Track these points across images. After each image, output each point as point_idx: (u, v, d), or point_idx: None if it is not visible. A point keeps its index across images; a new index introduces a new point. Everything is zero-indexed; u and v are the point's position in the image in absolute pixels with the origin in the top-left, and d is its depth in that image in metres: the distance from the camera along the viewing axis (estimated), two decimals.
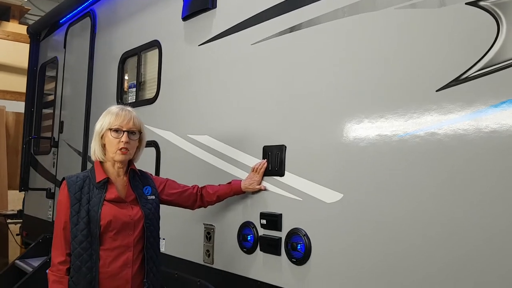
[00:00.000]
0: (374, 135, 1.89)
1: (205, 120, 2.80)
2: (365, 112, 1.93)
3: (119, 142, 2.07)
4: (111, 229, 2.02)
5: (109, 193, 2.08)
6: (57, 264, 2.02)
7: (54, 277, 2.01)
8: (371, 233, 1.86)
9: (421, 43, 1.78)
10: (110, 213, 2.02)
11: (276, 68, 2.37)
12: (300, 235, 2.12)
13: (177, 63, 3.09)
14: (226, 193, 2.43)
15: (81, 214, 2.01)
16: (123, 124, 2.08)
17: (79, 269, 1.98)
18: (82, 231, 1.99)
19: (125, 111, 2.13)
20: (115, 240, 2.03)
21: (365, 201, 1.89)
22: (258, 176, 2.36)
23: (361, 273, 1.88)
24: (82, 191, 2.05)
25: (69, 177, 2.12)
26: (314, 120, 2.14)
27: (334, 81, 2.08)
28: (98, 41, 4.14)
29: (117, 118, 2.09)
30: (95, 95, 4.08)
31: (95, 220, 2.00)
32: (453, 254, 1.61)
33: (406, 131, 1.78)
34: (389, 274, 1.79)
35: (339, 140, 2.01)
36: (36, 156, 5.16)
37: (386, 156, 1.83)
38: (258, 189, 2.37)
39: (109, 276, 2.01)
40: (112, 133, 2.07)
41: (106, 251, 2.02)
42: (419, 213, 1.71)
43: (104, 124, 2.10)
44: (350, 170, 1.95)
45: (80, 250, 1.99)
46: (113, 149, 2.08)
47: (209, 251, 2.65)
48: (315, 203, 2.08)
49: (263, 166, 2.34)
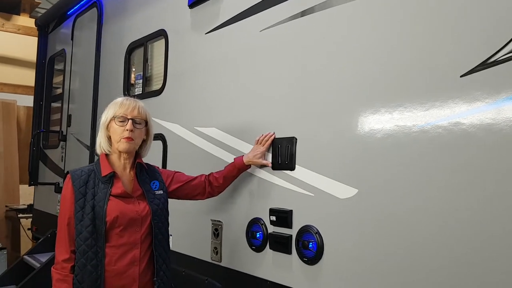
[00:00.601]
0: (392, 125, 1.74)
1: (212, 112, 2.68)
2: (382, 101, 1.79)
3: (124, 130, 1.99)
4: (118, 225, 1.94)
5: (115, 187, 2.00)
6: (61, 261, 1.93)
7: (58, 275, 1.93)
8: (388, 231, 1.72)
9: (444, 24, 1.63)
10: (117, 209, 1.94)
11: (287, 55, 2.23)
12: (311, 233, 1.99)
13: (183, 52, 2.97)
14: (231, 171, 2.33)
15: (86, 209, 1.93)
16: (128, 112, 2.02)
17: (84, 267, 1.90)
18: (87, 227, 1.91)
19: (129, 100, 2.07)
20: (122, 237, 1.95)
21: (382, 197, 1.75)
22: (262, 148, 2.24)
23: (378, 273, 1.74)
24: (87, 185, 1.97)
25: (74, 170, 2.03)
26: (327, 111, 2.00)
27: (349, 69, 1.93)
28: (105, 32, 4.04)
29: (122, 106, 2.03)
30: (102, 87, 3.99)
31: (100, 216, 1.92)
32: (480, 256, 1.46)
33: (427, 121, 1.63)
34: (408, 275, 1.65)
35: (354, 132, 1.87)
36: (45, 150, 5.11)
37: (405, 148, 1.69)
38: (264, 164, 2.26)
39: (115, 274, 1.93)
40: (117, 122, 2.01)
41: (112, 248, 1.94)
42: (443, 210, 1.57)
43: (108, 114, 2.05)
44: (365, 164, 1.81)
45: (85, 247, 1.90)
46: (117, 138, 2.01)
47: (217, 248, 2.54)
48: (327, 198, 1.94)
49: (270, 137, 2.23)
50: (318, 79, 2.06)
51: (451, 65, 1.58)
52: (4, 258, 5.73)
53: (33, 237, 5.57)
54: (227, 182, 2.36)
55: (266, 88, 2.32)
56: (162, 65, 3.16)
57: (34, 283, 3.70)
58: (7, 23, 7.52)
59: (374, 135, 1.79)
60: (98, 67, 4.06)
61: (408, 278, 1.64)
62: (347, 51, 1.94)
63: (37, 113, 5.29)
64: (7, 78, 7.51)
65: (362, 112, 1.85)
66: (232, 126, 2.52)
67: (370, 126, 1.82)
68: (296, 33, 2.19)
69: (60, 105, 4.86)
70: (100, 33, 4.08)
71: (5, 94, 7.35)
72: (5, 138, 6.83)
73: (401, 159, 1.70)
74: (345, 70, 1.94)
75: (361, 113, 1.85)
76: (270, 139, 2.23)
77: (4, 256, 5.73)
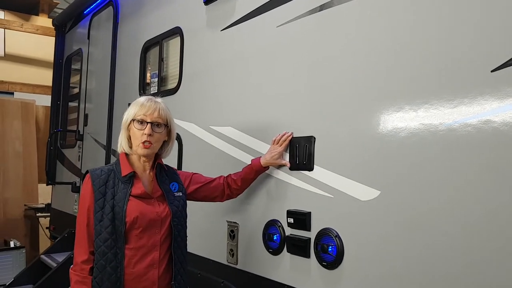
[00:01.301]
0: (417, 124, 1.65)
1: (228, 111, 2.61)
2: (406, 98, 1.69)
3: (142, 134, 1.93)
4: (137, 227, 1.89)
5: (135, 188, 1.95)
6: (80, 263, 1.89)
7: (77, 277, 1.88)
8: (413, 235, 1.62)
9: (473, 15, 1.53)
10: (137, 210, 1.90)
11: (305, 51, 2.15)
12: (331, 236, 1.91)
13: (199, 50, 2.92)
14: (248, 173, 2.25)
15: (106, 210, 1.88)
16: (147, 115, 1.95)
17: (104, 269, 1.85)
18: (107, 228, 1.87)
19: (151, 102, 1.99)
20: (141, 238, 1.90)
21: (406, 199, 1.65)
22: (280, 148, 2.16)
23: (402, 280, 1.65)
24: (107, 185, 1.93)
25: (93, 170, 1.98)
26: (347, 108, 1.92)
27: (372, 64, 1.84)
28: (121, 30, 4.02)
29: (142, 108, 1.96)
30: (118, 86, 3.97)
31: (120, 217, 1.87)
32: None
33: (455, 119, 1.53)
34: (436, 283, 1.55)
35: (376, 130, 1.78)
36: (63, 149, 5.13)
37: (431, 148, 1.59)
38: (282, 164, 2.18)
39: (134, 277, 1.88)
40: (136, 124, 1.95)
41: (132, 250, 1.89)
42: (473, 212, 1.47)
43: (129, 115, 1.99)
44: (388, 164, 1.72)
45: (105, 248, 1.86)
46: (136, 142, 1.96)
47: (233, 250, 2.48)
48: (348, 200, 1.86)
49: (288, 137, 2.15)
50: (338, 75, 1.97)
51: (481, 59, 1.48)
52: (22, 257, 5.77)
53: (51, 236, 5.60)
54: (246, 185, 2.29)
55: (283, 86, 2.25)
56: (178, 64, 3.11)
57: (51, 283, 3.70)
58: (26, 24, 7.59)
59: (398, 134, 1.70)
60: (114, 66, 4.04)
61: (436, 286, 1.55)
62: (370, 46, 1.85)
63: (55, 112, 5.32)
64: (26, 78, 7.59)
65: (385, 109, 1.76)
66: (248, 125, 2.45)
67: (393, 124, 1.72)
68: (314, 28, 2.10)
69: (77, 104, 4.87)
70: (116, 32, 4.06)
71: (24, 94, 7.43)
72: (24, 137, 6.90)
73: (427, 159, 1.60)
74: (367, 66, 1.85)
75: (384, 110, 1.76)
76: (287, 139, 2.16)
77: (23, 255, 5.77)
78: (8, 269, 5.57)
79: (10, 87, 7.41)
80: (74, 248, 1.95)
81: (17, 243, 5.90)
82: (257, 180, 2.30)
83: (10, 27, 7.40)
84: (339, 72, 1.97)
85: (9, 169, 6.65)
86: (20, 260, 5.73)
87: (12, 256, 5.71)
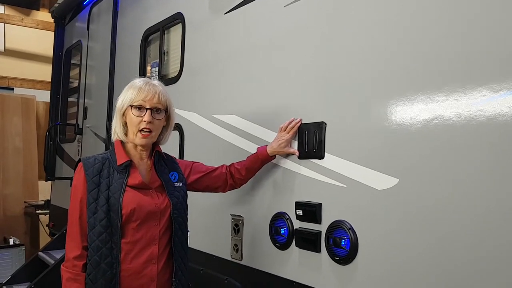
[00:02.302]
0: (443, 107, 1.49)
1: (232, 98, 2.47)
2: (432, 80, 1.54)
3: (141, 121, 1.77)
4: (135, 219, 1.75)
5: (132, 178, 1.80)
6: (72, 259, 1.74)
7: (69, 274, 1.73)
8: (435, 227, 1.47)
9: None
10: (134, 201, 1.75)
11: (314, 32, 2.00)
12: (344, 229, 1.76)
13: (201, 36, 2.77)
14: (253, 162, 2.10)
15: (100, 201, 1.74)
16: (146, 100, 1.78)
17: (98, 265, 1.71)
18: (101, 221, 1.72)
19: (149, 85, 1.82)
20: (138, 231, 1.76)
21: (428, 188, 1.50)
22: (287, 135, 2.02)
23: (421, 275, 1.50)
24: (101, 175, 1.77)
25: (86, 158, 1.82)
26: (362, 91, 1.77)
27: (389, 45, 1.69)
28: (121, 20, 3.89)
29: (140, 93, 1.79)
30: (118, 77, 3.84)
31: (116, 209, 1.72)
32: None
33: (483, 107, 1.38)
34: (455, 277, 1.41)
35: (394, 114, 1.63)
36: (62, 144, 5.01)
37: (457, 132, 1.44)
38: (290, 153, 2.03)
39: (131, 273, 1.74)
40: (134, 110, 1.78)
41: (128, 244, 1.74)
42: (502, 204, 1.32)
43: (125, 100, 1.81)
44: (408, 150, 1.57)
45: (99, 243, 1.71)
46: (134, 130, 1.79)
47: (237, 245, 2.33)
48: (363, 190, 1.71)
49: (296, 124, 2.01)
50: (352, 56, 1.83)
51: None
52: (22, 254, 5.67)
53: (50, 233, 5.48)
54: (250, 174, 2.15)
55: (291, 69, 2.10)
56: (179, 52, 2.97)
57: (48, 281, 3.57)
58: (26, 18, 7.49)
59: (419, 116, 1.55)
60: (114, 57, 3.91)
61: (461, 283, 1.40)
62: (388, 27, 1.70)
63: (54, 106, 5.20)
64: (26, 73, 7.49)
65: (404, 91, 1.61)
66: (253, 113, 2.31)
67: (415, 106, 1.57)
68: (325, 7, 1.96)
69: (76, 98, 4.75)
70: (116, 21, 3.93)
71: (24, 90, 7.33)
72: (24, 133, 6.79)
73: (452, 145, 1.45)
74: (385, 47, 1.70)
75: (404, 92, 1.61)
76: (296, 126, 2.01)
77: (22, 253, 5.67)
78: (8, 267, 5.47)
79: (10, 83, 7.31)
80: (66, 242, 1.80)
81: (16, 240, 5.80)
82: (262, 169, 2.15)
83: (10, 21, 7.30)
84: (353, 53, 1.82)
85: (9, 166, 6.55)
86: (19, 257, 5.62)
87: (11, 253, 5.61)
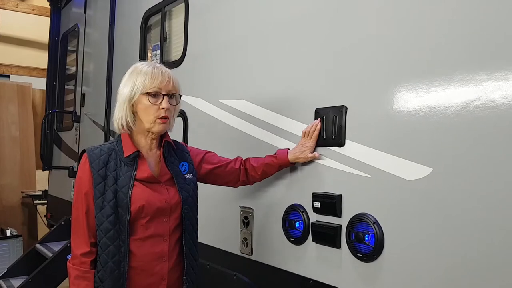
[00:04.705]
0: (485, 87, 1.33)
1: (240, 82, 2.30)
2: (471, 58, 1.38)
3: (159, 109, 1.62)
4: (143, 216, 1.62)
5: (141, 170, 1.66)
6: (80, 256, 1.61)
7: (77, 271, 1.61)
8: (473, 222, 1.32)
9: None
10: (142, 197, 1.61)
11: (332, 9, 1.83)
12: (368, 223, 1.60)
13: (206, 15, 2.59)
14: (271, 166, 1.93)
15: (107, 196, 1.60)
16: (162, 86, 1.64)
17: (106, 264, 1.59)
18: (109, 217, 1.59)
19: (160, 70, 1.66)
20: (148, 228, 1.63)
21: (465, 178, 1.34)
22: (311, 142, 1.85)
23: (455, 274, 1.35)
24: (108, 167, 1.64)
25: (91, 149, 1.67)
26: (388, 71, 1.60)
27: (418, 21, 1.52)
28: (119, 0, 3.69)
29: (154, 78, 1.63)
30: (117, 62, 3.66)
31: (124, 204, 1.59)
32: None
33: None
34: (490, 276, 1.25)
35: (427, 94, 1.46)
36: (59, 132, 4.85)
37: (503, 117, 1.28)
38: (311, 158, 1.86)
39: (140, 271, 1.62)
40: (150, 98, 1.62)
41: (137, 241, 1.62)
42: None
43: (137, 87, 1.63)
44: (443, 135, 1.41)
45: (107, 240, 1.59)
46: (150, 118, 1.63)
47: (247, 239, 2.18)
48: (390, 180, 1.55)
49: (317, 127, 1.83)
50: (377, 33, 1.65)
51: None
52: (20, 246, 5.53)
53: (48, 224, 5.34)
54: (265, 175, 1.98)
55: (305, 49, 1.93)
56: (182, 33, 2.79)
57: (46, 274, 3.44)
58: (21, 4, 7.26)
59: (457, 98, 1.38)
60: (113, 41, 3.73)
61: (498, 283, 1.25)
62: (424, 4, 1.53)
63: (51, 93, 5.03)
64: (22, 60, 7.29)
65: (438, 68, 1.44)
66: (263, 97, 2.14)
67: (452, 86, 1.40)
68: None
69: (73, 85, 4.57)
70: (114, 3, 3.75)
71: (20, 77, 7.13)
72: (20, 122, 6.61)
73: (490, 131, 1.29)
74: (416, 21, 1.53)
75: (438, 69, 1.44)
76: (317, 129, 1.84)
77: (20, 244, 5.54)
78: (5, 259, 5.34)
79: (6, 70, 7.11)
80: (71, 239, 1.66)
81: (14, 231, 5.66)
82: None
83: (5, 7, 7.07)
84: (379, 29, 1.65)
85: (5, 155, 6.39)
86: (17, 249, 5.49)
87: (9, 245, 5.48)
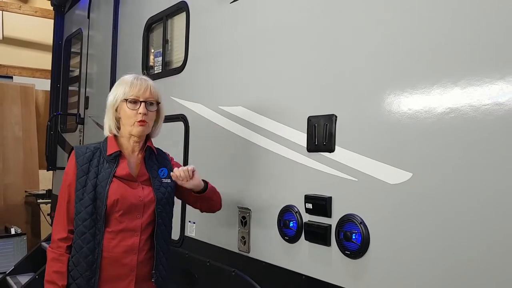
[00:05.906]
0: (458, 98, 1.47)
1: (239, 89, 2.44)
2: (448, 73, 1.52)
3: (137, 114, 1.86)
4: (117, 210, 1.83)
5: (120, 168, 1.89)
6: (57, 240, 1.85)
7: (53, 254, 1.85)
8: (450, 223, 1.46)
9: None
10: (118, 192, 1.83)
11: (324, 21, 1.97)
12: (355, 223, 1.75)
13: (206, 25, 2.73)
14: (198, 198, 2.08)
15: (87, 188, 1.82)
16: (140, 94, 1.89)
17: (80, 249, 1.80)
18: (87, 207, 1.81)
19: (140, 80, 1.92)
20: (121, 222, 1.84)
21: (443, 183, 1.48)
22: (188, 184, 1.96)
23: (433, 271, 1.49)
24: (91, 163, 1.88)
25: (79, 147, 1.92)
26: (374, 82, 1.74)
27: (402, 33, 1.66)
28: (122, 8, 3.83)
29: (132, 87, 1.89)
30: (120, 66, 3.79)
31: (102, 197, 1.81)
32: None
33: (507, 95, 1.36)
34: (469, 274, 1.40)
35: (408, 106, 1.61)
36: (63, 134, 4.97)
37: (474, 125, 1.42)
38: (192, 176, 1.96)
39: (112, 261, 1.83)
40: (128, 104, 1.86)
41: (111, 233, 1.84)
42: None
43: (118, 95, 1.90)
44: (422, 143, 1.55)
45: (83, 228, 1.82)
46: (130, 122, 1.88)
47: (245, 238, 2.32)
48: (374, 184, 1.69)
49: (188, 171, 1.93)
50: (363, 47, 1.79)
51: None
52: (24, 244, 5.67)
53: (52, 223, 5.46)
54: (206, 207, 2.18)
55: (300, 60, 2.07)
56: (183, 41, 2.93)
57: None
58: (24, 6, 7.39)
59: (434, 110, 1.52)
60: (116, 46, 3.85)
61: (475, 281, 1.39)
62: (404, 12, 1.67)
63: (54, 96, 5.15)
64: (25, 61, 7.42)
65: (419, 83, 1.58)
66: (260, 104, 2.28)
67: (430, 97, 1.54)
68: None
69: (77, 87, 4.70)
70: (118, 9, 3.87)
71: (23, 78, 7.26)
72: (24, 122, 6.75)
73: (468, 139, 1.43)
74: (398, 34, 1.67)
75: (418, 84, 1.58)
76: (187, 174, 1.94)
77: (24, 242, 5.67)
78: (9, 256, 5.48)
79: (9, 71, 7.24)
80: (53, 225, 1.91)
81: (18, 230, 5.79)
82: (270, 162, 2.14)
83: (8, 9, 7.20)
84: (365, 43, 1.79)
85: (9, 155, 6.52)
86: (21, 247, 5.63)
87: (13, 243, 5.62)
